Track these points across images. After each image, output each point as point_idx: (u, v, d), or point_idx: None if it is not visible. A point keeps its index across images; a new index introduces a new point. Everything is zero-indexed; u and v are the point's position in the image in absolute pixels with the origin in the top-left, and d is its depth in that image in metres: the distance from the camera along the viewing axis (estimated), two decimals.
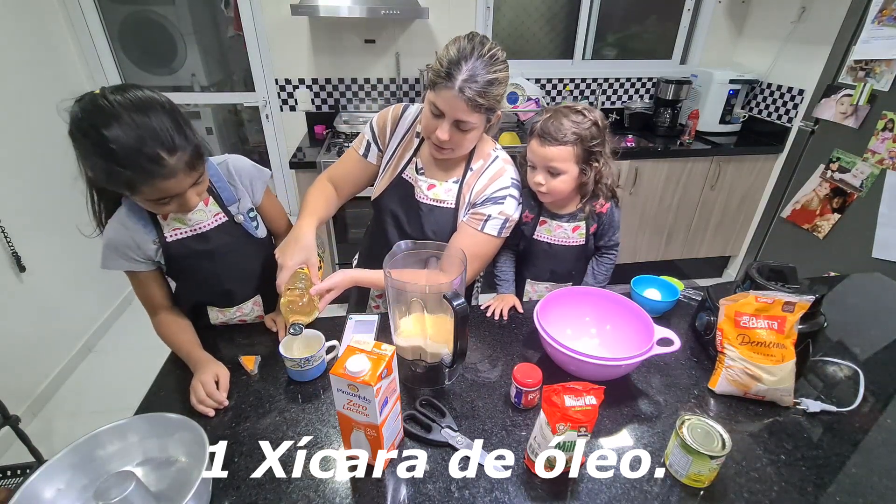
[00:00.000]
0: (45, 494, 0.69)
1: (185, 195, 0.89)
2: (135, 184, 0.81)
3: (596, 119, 1.13)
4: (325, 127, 2.70)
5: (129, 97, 0.80)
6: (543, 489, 0.76)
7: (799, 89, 2.52)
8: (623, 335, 1.03)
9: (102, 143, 0.77)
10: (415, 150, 1.18)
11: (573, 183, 1.16)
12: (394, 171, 1.20)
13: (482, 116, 1.00)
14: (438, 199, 1.16)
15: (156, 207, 0.91)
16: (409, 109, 1.19)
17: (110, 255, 0.98)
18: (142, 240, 0.97)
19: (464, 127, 1.00)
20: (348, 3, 2.19)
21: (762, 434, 0.87)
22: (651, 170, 2.59)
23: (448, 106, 0.96)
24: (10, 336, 1.93)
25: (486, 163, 1.14)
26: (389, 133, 1.19)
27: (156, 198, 0.85)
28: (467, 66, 0.93)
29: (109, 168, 0.79)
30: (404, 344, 0.93)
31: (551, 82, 2.90)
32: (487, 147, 1.16)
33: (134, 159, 0.78)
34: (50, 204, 2.18)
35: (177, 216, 1.00)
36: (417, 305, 0.93)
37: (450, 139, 1.01)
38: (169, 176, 0.82)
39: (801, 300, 0.88)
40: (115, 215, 0.98)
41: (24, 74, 2.10)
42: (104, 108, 0.78)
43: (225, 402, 0.92)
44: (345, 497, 0.75)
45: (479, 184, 1.13)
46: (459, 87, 0.93)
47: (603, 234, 1.24)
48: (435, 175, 1.17)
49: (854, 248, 2.15)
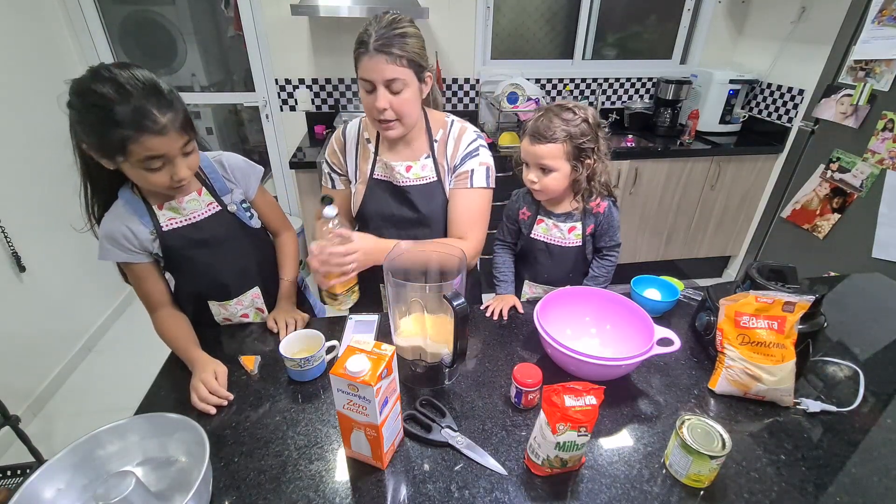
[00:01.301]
0: (45, 494, 0.69)
1: (175, 162, 0.90)
2: (126, 142, 0.83)
3: (586, 116, 1.14)
4: (325, 127, 2.70)
5: (124, 68, 0.85)
6: (543, 489, 0.76)
7: (799, 89, 2.52)
8: (623, 335, 1.03)
9: (98, 101, 0.81)
10: (374, 153, 1.20)
11: (565, 180, 1.17)
12: (364, 179, 1.21)
13: (408, 71, 1.02)
14: (419, 177, 1.18)
15: (147, 178, 0.90)
16: (347, 127, 1.24)
17: (107, 247, 0.99)
18: (139, 230, 0.99)
19: (395, 87, 1.02)
20: (348, 3, 2.20)
21: (762, 434, 0.87)
22: (651, 170, 2.59)
23: (372, 70, 1.01)
24: (10, 336, 1.93)
25: (445, 130, 1.19)
26: (341, 154, 1.23)
27: (146, 157, 0.86)
28: (374, 30, 0.99)
29: (103, 128, 0.82)
30: (404, 344, 0.93)
31: (551, 82, 2.90)
32: (441, 118, 1.21)
33: (127, 114, 0.81)
34: (50, 204, 2.18)
35: (171, 205, 1.01)
36: (417, 305, 0.93)
37: (389, 106, 1.04)
38: (160, 133, 0.84)
39: (801, 300, 0.88)
40: (112, 208, 1.00)
41: (25, 74, 2.10)
42: (101, 73, 0.83)
43: (229, 396, 0.93)
44: (345, 497, 0.75)
45: (449, 149, 1.18)
46: (374, 48, 0.98)
47: (603, 234, 1.25)
48: (406, 159, 1.19)
49: (854, 248, 2.15)
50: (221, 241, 1.08)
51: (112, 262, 1.03)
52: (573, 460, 0.77)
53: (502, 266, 1.34)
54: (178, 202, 1.03)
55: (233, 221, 1.10)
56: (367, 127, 1.22)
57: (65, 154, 0.90)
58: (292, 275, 1.24)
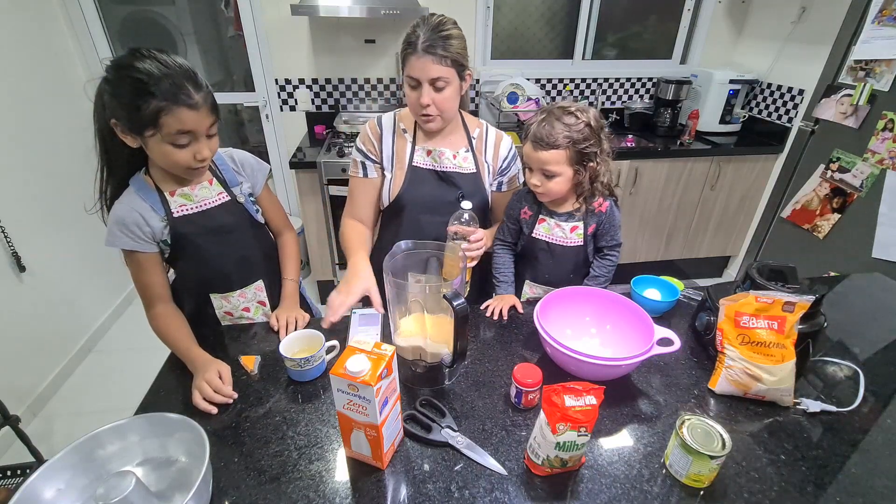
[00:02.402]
0: (45, 494, 0.69)
1: (200, 141, 0.94)
2: (160, 114, 0.87)
3: (589, 120, 1.13)
4: (326, 127, 2.70)
5: (161, 51, 0.90)
6: (543, 489, 0.76)
7: (799, 89, 2.52)
8: (623, 335, 1.03)
9: (137, 74, 0.86)
10: (413, 142, 1.25)
11: (568, 184, 1.17)
12: (402, 165, 1.25)
13: (452, 71, 1.10)
14: (461, 166, 1.26)
15: (172, 154, 0.93)
16: (381, 119, 1.27)
17: (116, 233, 1.00)
18: (150, 216, 1.01)
19: (440, 84, 1.10)
20: (348, 3, 2.20)
21: (762, 434, 0.87)
22: (651, 170, 2.59)
23: (420, 70, 1.08)
24: (10, 336, 1.93)
25: (482, 131, 1.30)
26: (378, 143, 1.26)
27: (176, 131, 0.90)
28: (422, 32, 1.07)
29: (140, 99, 0.86)
30: (404, 344, 0.93)
31: (551, 82, 2.90)
32: (474, 119, 1.31)
33: (164, 86, 0.87)
34: (50, 204, 2.18)
35: (183, 192, 1.04)
36: (417, 305, 0.93)
37: (432, 102, 1.12)
38: (193, 107, 0.90)
39: (801, 300, 0.88)
40: (124, 195, 1.01)
41: (24, 74, 2.10)
42: (141, 52, 0.89)
43: (234, 395, 0.94)
44: (345, 497, 0.75)
45: (489, 151, 1.29)
46: (422, 49, 1.06)
47: (604, 233, 1.25)
48: (446, 147, 1.25)
49: (854, 248, 2.15)
50: (229, 230, 1.11)
51: (119, 254, 1.03)
52: (573, 460, 0.77)
53: (502, 266, 1.34)
54: (191, 189, 1.05)
55: (241, 212, 1.13)
56: (404, 118, 1.27)
57: (65, 154, 0.91)
58: (295, 274, 1.25)
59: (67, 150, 2.29)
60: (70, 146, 2.31)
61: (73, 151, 2.33)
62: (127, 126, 0.91)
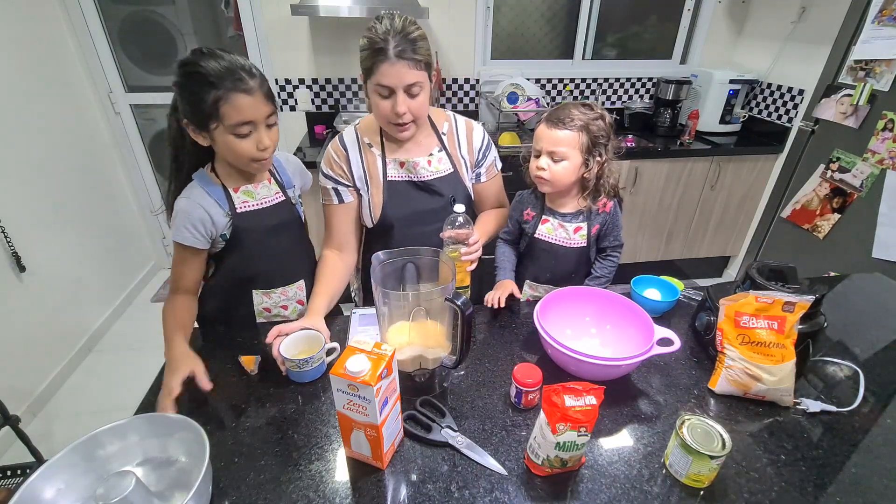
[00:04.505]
0: (45, 494, 0.69)
1: (260, 130, 1.00)
2: (219, 103, 0.93)
3: (603, 114, 1.18)
4: (326, 127, 2.70)
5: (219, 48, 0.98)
6: (543, 489, 0.76)
7: (799, 89, 2.52)
8: (623, 335, 1.03)
9: (196, 68, 0.93)
10: (382, 156, 1.19)
11: (575, 172, 1.17)
12: (377, 183, 1.20)
13: (424, 73, 1.06)
14: (438, 170, 1.22)
15: (236, 146, 0.98)
16: (343, 137, 1.21)
17: (182, 228, 1.03)
18: (215, 211, 1.05)
19: (414, 91, 1.05)
20: (348, 3, 2.20)
21: (762, 434, 0.87)
22: (651, 170, 2.59)
23: (394, 77, 1.02)
24: (10, 336, 1.93)
25: (451, 124, 1.25)
26: (346, 165, 1.19)
27: (236, 121, 0.95)
28: (391, 37, 1.00)
29: (200, 91, 0.93)
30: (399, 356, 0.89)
31: (551, 82, 2.90)
32: (440, 112, 1.26)
33: (221, 77, 0.93)
34: (50, 204, 2.18)
35: (246, 189, 1.10)
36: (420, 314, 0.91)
37: (408, 110, 1.07)
38: (248, 92, 0.95)
39: (801, 300, 0.88)
40: (188, 190, 1.05)
41: (25, 75, 2.10)
42: (201, 50, 0.96)
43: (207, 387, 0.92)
44: (345, 497, 0.75)
45: (462, 144, 1.25)
46: (395, 55, 1.00)
47: (607, 234, 1.25)
48: (418, 155, 1.21)
49: (854, 248, 2.15)
50: (283, 229, 1.16)
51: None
52: (573, 460, 0.77)
53: (502, 256, 1.33)
54: (254, 187, 1.11)
55: (293, 213, 1.19)
56: (366, 131, 1.21)
57: (65, 154, 0.91)
58: None
59: (67, 150, 2.29)
60: (70, 146, 2.31)
61: (73, 151, 2.33)
62: (194, 123, 0.97)
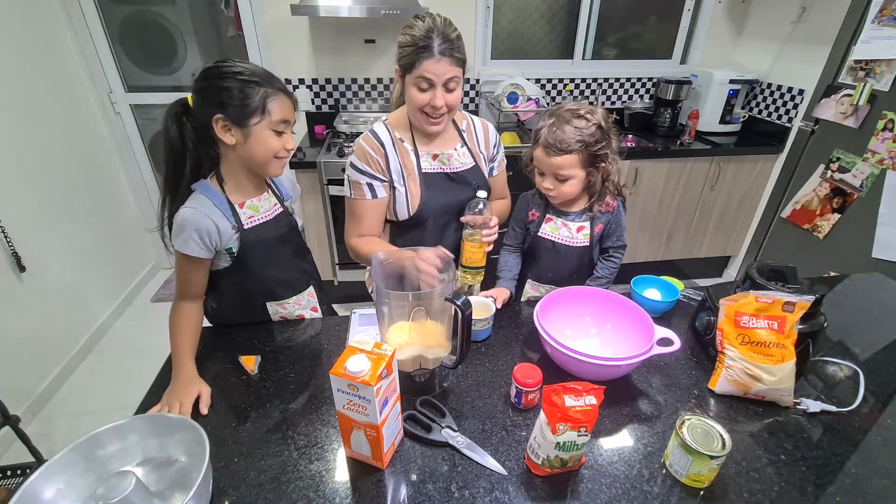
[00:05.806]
0: (45, 494, 0.69)
1: (289, 132, 1.04)
2: (267, 99, 0.97)
3: (599, 121, 1.13)
4: (326, 127, 2.70)
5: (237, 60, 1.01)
6: (543, 489, 0.76)
7: (799, 89, 2.52)
8: (623, 335, 1.03)
9: (236, 72, 0.96)
10: (415, 150, 1.23)
11: (581, 186, 1.19)
12: (414, 177, 1.23)
13: (461, 70, 1.13)
14: (462, 163, 1.28)
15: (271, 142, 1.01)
16: (376, 132, 1.22)
17: (188, 240, 1.01)
18: (223, 225, 1.04)
19: (451, 85, 1.12)
20: (348, 3, 2.19)
21: (762, 434, 0.87)
22: (651, 170, 2.59)
23: (436, 72, 1.08)
24: (10, 336, 1.93)
25: (468, 122, 1.32)
26: (383, 160, 1.20)
27: (280, 118, 1.00)
28: (437, 35, 1.07)
29: (248, 88, 0.96)
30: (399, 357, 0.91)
31: (551, 82, 2.90)
32: (459, 112, 1.32)
33: (267, 78, 0.99)
34: (50, 204, 2.18)
35: (251, 203, 1.09)
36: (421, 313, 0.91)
37: (445, 103, 1.13)
38: (289, 95, 1.02)
39: (801, 300, 0.88)
40: (192, 199, 1.02)
41: (25, 75, 2.10)
42: (224, 61, 0.98)
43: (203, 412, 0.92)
44: (345, 497, 0.75)
45: (479, 141, 1.32)
46: (440, 52, 1.06)
47: (610, 233, 1.25)
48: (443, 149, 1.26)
49: (854, 248, 2.15)
50: (286, 240, 1.16)
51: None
52: (573, 460, 0.77)
53: (505, 265, 1.34)
54: (258, 200, 1.10)
55: (291, 223, 1.18)
56: (396, 126, 1.24)
57: (64, 154, 0.91)
58: None
59: (67, 150, 2.29)
60: (70, 146, 2.31)
61: (73, 151, 2.33)
62: (235, 117, 0.97)
